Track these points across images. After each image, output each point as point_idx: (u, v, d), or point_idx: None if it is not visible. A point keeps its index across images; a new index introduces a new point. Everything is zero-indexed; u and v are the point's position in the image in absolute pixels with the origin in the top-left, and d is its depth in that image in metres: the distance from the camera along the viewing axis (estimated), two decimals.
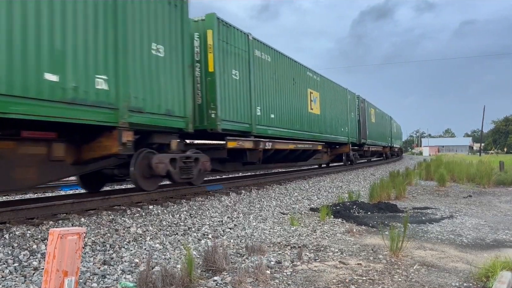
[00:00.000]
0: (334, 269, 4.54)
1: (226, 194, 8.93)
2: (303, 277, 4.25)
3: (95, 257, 4.47)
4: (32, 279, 3.76)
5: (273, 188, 10.88)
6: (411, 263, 4.80)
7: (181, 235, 5.83)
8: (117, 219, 5.97)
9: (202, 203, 7.76)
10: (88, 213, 6.15)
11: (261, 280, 4.01)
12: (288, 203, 9.43)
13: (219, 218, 6.98)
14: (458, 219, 7.87)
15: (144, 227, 5.85)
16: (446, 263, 4.82)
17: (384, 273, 4.41)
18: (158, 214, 6.64)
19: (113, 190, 9.16)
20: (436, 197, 11.59)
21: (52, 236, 3.02)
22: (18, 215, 5.46)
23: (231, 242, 5.72)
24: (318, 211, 8.39)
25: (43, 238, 4.74)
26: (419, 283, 4.08)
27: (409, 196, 11.69)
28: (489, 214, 8.59)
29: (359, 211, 8.50)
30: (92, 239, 5.00)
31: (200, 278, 4.03)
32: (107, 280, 3.92)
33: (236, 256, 4.95)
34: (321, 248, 5.47)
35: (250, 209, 8.09)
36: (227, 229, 6.44)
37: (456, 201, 10.64)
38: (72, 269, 3.07)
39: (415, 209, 9.24)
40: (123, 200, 7.06)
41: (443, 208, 9.37)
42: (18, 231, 4.88)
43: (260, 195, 9.55)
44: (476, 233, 6.54)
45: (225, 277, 4.11)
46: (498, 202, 10.52)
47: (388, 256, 5.03)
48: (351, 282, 4.08)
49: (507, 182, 14.98)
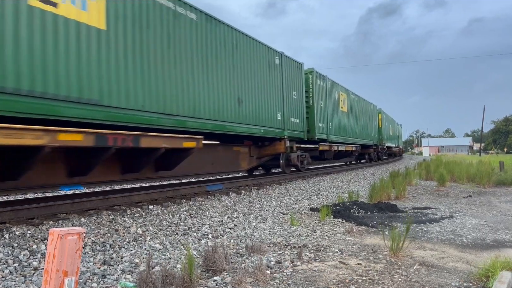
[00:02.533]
0: (334, 269, 4.54)
1: (226, 194, 8.93)
2: (303, 277, 4.25)
3: (95, 257, 4.47)
4: (32, 279, 3.76)
5: (273, 188, 10.88)
6: (411, 263, 4.80)
7: (181, 235, 5.83)
8: (117, 219, 5.97)
9: (202, 203, 7.76)
10: (88, 213, 6.15)
11: (261, 280, 4.01)
12: (288, 203, 9.43)
13: (219, 218, 6.98)
14: (458, 219, 7.87)
15: (144, 227, 5.85)
16: (446, 263, 4.82)
17: (384, 273, 4.41)
18: (158, 214, 6.64)
19: (113, 190, 9.15)
20: (436, 197, 11.59)
21: (52, 236, 3.02)
22: (18, 215, 5.46)
23: (231, 242, 5.72)
24: (318, 211, 8.40)
25: (43, 238, 4.74)
26: (419, 283, 4.09)
27: (409, 196, 11.70)
28: (489, 214, 8.59)
29: (359, 211, 8.50)
30: (92, 239, 5.00)
31: (200, 278, 4.03)
32: (107, 280, 3.92)
33: (236, 256, 4.95)
34: (321, 248, 5.47)
35: (250, 209, 8.09)
36: (227, 229, 6.44)
37: (456, 201, 10.64)
38: (72, 269, 3.07)
39: (415, 209, 9.25)
40: (123, 200, 7.06)
41: (443, 208, 9.37)
42: (18, 231, 4.88)
43: (260, 195, 9.55)
44: (476, 233, 6.54)
45: (225, 277, 4.11)
46: (498, 202, 10.52)
47: (388, 256, 5.03)
48: (351, 282, 4.08)
49: (507, 182, 14.99)
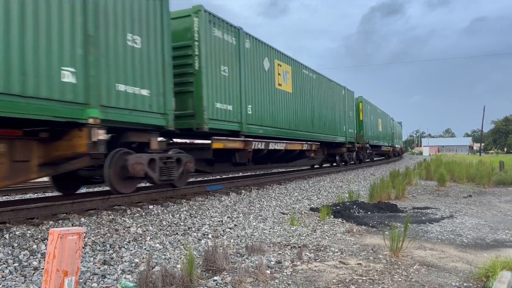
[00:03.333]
0: (334, 269, 4.54)
1: (226, 194, 8.93)
2: (303, 277, 4.25)
3: (95, 257, 4.47)
4: (32, 279, 3.76)
5: (273, 188, 10.88)
6: (411, 263, 4.80)
7: (181, 235, 5.83)
8: (117, 219, 5.97)
9: (202, 203, 7.76)
10: (88, 213, 6.15)
11: (261, 280, 4.01)
12: (288, 203, 9.43)
13: (219, 218, 6.98)
14: (458, 219, 7.86)
15: (144, 227, 5.85)
16: (446, 263, 4.82)
17: (384, 273, 4.41)
18: (158, 214, 6.64)
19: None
20: (436, 197, 11.59)
21: (52, 236, 3.02)
22: (18, 215, 5.46)
23: (231, 242, 5.72)
24: (318, 211, 8.39)
25: (43, 238, 4.74)
26: (419, 283, 4.08)
27: (409, 196, 11.69)
28: (489, 214, 8.58)
29: (359, 211, 8.50)
30: (92, 239, 5.00)
31: (200, 278, 4.03)
32: (107, 280, 3.92)
33: (236, 256, 4.95)
34: (321, 248, 5.47)
35: (250, 209, 8.09)
36: (227, 229, 6.44)
37: (456, 201, 10.64)
38: (72, 269, 3.07)
39: (415, 209, 9.24)
40: (123, 200, 7.05)
41: (443, 208, 9.37)
42: (18, 231, 4.88)
43: (260, 195, 9.55)
44: (476, 233, 6.54)
45: (225, 277, 4.11)
46: (498, 202, 10.51)
47: (388, 256, 5.03)
48: (351, 282, 4.08)
49: (507, 182, 14.98)
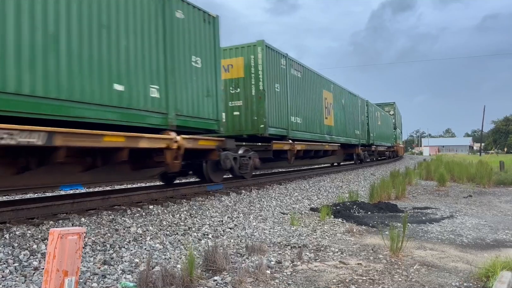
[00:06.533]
0: (334, 269, 4.54)
1: (226, 194, 8.93)
2: (303, 277, 4.25)
3: (95, 257, 4.47)
4: (32, 279, 3.76)
5: (273, 188, 10.88)
6: (411, 263, 4.80)
7: (181, 235, 5.83)
8: (117, 219, 5.97)
9: (202, 203, 7.76)
10: (88, 213, 6.15)
11: (261, 280, 4.01)
12: (288, 203, 9.43)
13: (219, 218, 6.98)
14: (458, 219, 7.86)
15: (144, 227, 5.85)
16: (446, 263, 4.82)
17: (384, 273, 4.41)
18: (158, 214, 6.64)
19: (113, 190, 9.16)
20: (436, 197, 11.59)
21: (52, 236, 3.02)
22: (18, 215, 5.46)
23: (231, 242, 5.72)
24: (318, 211, 8.39)
25: (43, 238, 4.74)
26: (419, 283, 4.08)
27: (409, 196, 11.69)
28: (489, 214, 8.59)
29: (359, 211, 8.50)
30: (92, 239, 5.00)
31: (200, 278, 4.03)
32: (107, 280, 3.92)
33: (236, 256, 4.95)
34: (321, 248, 5.47)
35: (250, 209, 8.09)
36: (227, 229, 6.44)
37: (456, 201, 10.64)
38: (72, 269, 3.07)
39: (415, 209, 9.24)
40: (123, 200, 7.05)
41: (443, 208, 9.37)
42: (18, 231, 4.88)
43: (260, 195, 9.54)
44: (476, 233, 6.54)
45: (225, 277, 4.11)
46: (498, 202, 10.52)
47: (388, 256, 5.03)
48: (351, 282, 4.08)
49: (507, 182, 14.98)
